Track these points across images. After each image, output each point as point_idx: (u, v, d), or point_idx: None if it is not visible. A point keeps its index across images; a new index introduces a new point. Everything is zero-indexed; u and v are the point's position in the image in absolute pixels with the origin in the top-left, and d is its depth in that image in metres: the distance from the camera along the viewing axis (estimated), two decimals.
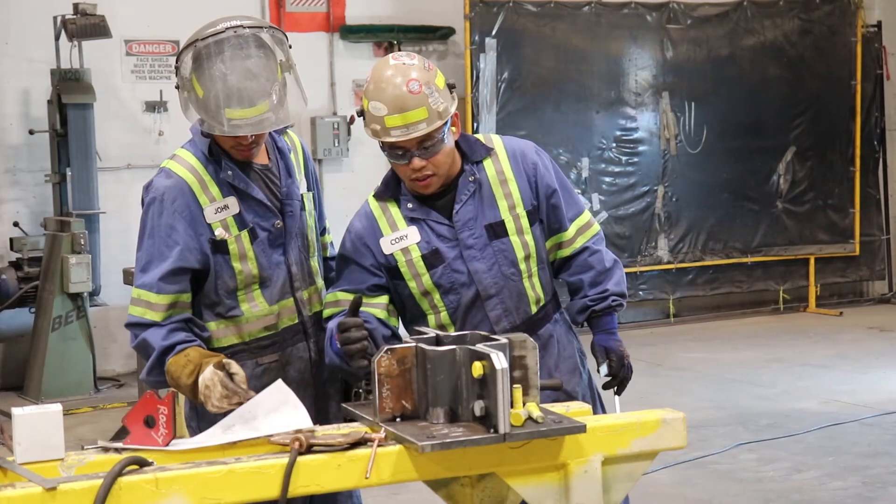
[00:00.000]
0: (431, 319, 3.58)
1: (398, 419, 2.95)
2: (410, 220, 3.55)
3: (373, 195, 3.64)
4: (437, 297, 3.56)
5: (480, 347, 2.90)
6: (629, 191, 11.13)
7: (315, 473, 2.75)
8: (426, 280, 3.54)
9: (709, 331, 10.92)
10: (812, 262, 11.98)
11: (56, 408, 2.80)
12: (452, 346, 2.97)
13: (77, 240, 8.70)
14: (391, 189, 3.59)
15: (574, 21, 10.94)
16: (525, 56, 10.72)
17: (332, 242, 3.96)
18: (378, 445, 2.80)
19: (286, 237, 3.60)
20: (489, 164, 3.58)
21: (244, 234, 3.52)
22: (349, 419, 3.18)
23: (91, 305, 9.05)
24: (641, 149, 11.22)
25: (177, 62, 3.52)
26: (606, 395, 3.68)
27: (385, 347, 2.98)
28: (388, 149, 3.44)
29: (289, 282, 3.61)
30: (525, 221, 3.57)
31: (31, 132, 9.35)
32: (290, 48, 3.53)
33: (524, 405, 2.86)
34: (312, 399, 3.62)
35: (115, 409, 8.40)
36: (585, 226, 3.69)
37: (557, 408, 3.13)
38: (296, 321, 3.62)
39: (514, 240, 3.56)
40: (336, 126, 10.49)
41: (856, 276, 12.39)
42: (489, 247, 3.54)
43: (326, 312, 3.61)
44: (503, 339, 2.94)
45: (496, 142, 3.63)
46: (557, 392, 3.48)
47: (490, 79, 10.51)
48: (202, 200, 3.49)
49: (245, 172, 3.55)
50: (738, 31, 11.55)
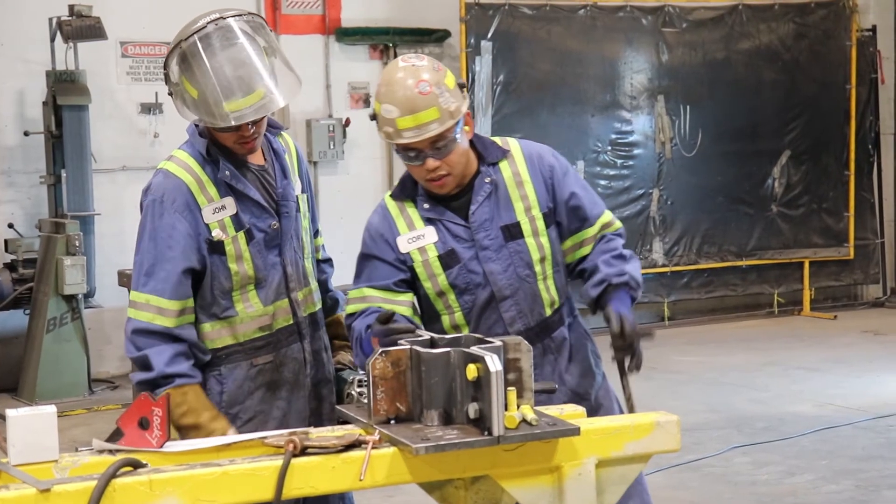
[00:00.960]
0: (446, 320, 3.59)
1: (392, 421, 2.95)
2: (427, 221, 3.56)
3: (389, 195, 3.64)
4: (453, 298, 3.56)
5: (475, 350, 2.90)
6: (624, 194, 11.14)
7: (309, 475, 2.75)
8: (442, 280, 3.55)
9: (703, 334, 10.92)
10: (806, 266, 11.99)
11: (50, 409, 2.80)
12: (447, 349, 2.97)
13: (72, 241, 8.70)
14: (407, 189, 3.59)
15: (569, 24, 10.95)
16: (520, 59, 10.72)
17: (324, 245, 3.97)
18: (372, 447, 2.80)
19: (282, 238, 3.60)
20: (505, 166, 3.58)
21: (240, 235, 3.52)
22: (343, 421, 3.18)
23: (86, 307, 9.05)
24: (637, 152, 11.23)
25: (165, 69, 3.51)
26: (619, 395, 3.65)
27: (379, 350, 2.98)
28: (402, 150, 3.44)
29: (284, 282, 3.61)
30: (541, 223, 3.57)
31: (26, 133, 9.34)
32: (272, 32, 3.55)
33: (518, 408, 2.86)
34: (306, 400, 3.64)
35: (110, 411, 8.40)
36: (608, 224, 3.70)
37: (551, 410, 3.13)
38: (290, 322, 3.63)
39: (530, 241, 3.56)
40: (331, 128, 10.48)
41: (850, 280, 12.40)
42: (505, 248, 3.54)
43: (350, 308, 3.58)
44: (497, 342, 2.94)
45: (512, 144, 3.64)
46: (573, 395, 3.49)
47: (486, 82, 10.51)
48: (200, 201, 3.49)
49: (242, 173, 3.56)
50: (734, 35, 11.56)
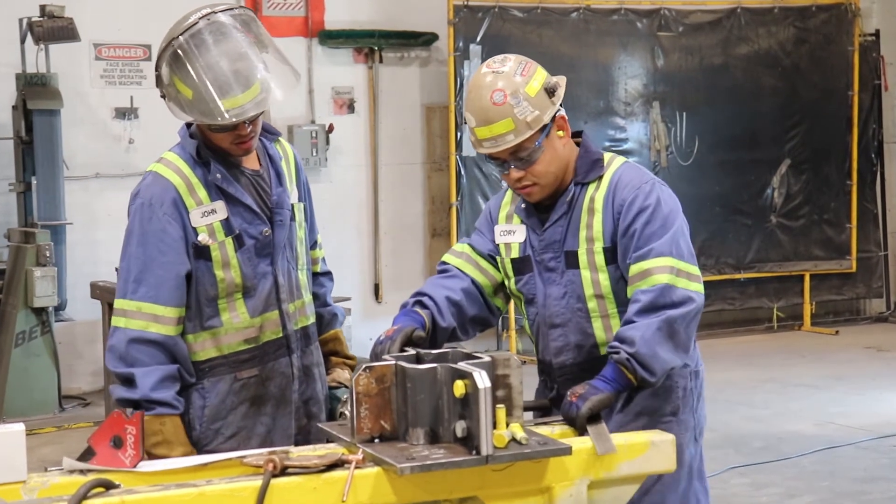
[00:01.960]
0: (526, 325, 3.69)
1: (376, 440, 2.95)
2: (522, 220, 3.61)
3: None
4: (522, 305, 3.64)
5: (462, 366, 2.91)
6: None
7: (289, 496, 2.74)
8: (512, 284, 3.63)
9: (700, 349, 10.89)
10: (807, 279, 12.02)
11: (18, 427, 2.79)
12: (433, 365, 2.98)
13: (42, 252, 8.67)
14: None
15: (561, 27, 10.98)
16: None
17: (325, 258, 3.97)
18: (355, 467, 2.80)
19: (274, 246, 3.60)
20: (592, 188, 3.51)
21: (228, 241, 3.52)
22: (330, 440, 3.18)
23: (56, 320, 9.02)
24: (631, 160, 11.21)
25: (157, 70, 3.51)
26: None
27: (363, 365, 2.98)
28: (487, 158, 3.50)
29: (275, 293, 3.59)
30: (600, 258, 3.46)
31: None
32: (261, 26, 3.56)
33: (508, 426, 2.87)
34: (292, 417, 3.63)
35: (81, 429, 8.36)
36: (644, 273, 3.35)
37: (542, 429, 3.14)
38: (279, 335, 3.61)
39: (585, 274, 3.48)
40: (314, 135, 10.48)
41: (852, 294, 12.43)
42: (566, 274, 3.52)
43: (446, 257, 3.72)
44: (486, 357, 2.94)
45: (612, 167, 3.55)
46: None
47: None
48: (188, 203, 3.49)
49: (235, 177, 3.56)
50: (732, 39, 11.61)
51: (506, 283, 3.66)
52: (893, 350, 10.84)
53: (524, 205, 3.59)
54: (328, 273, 3.98)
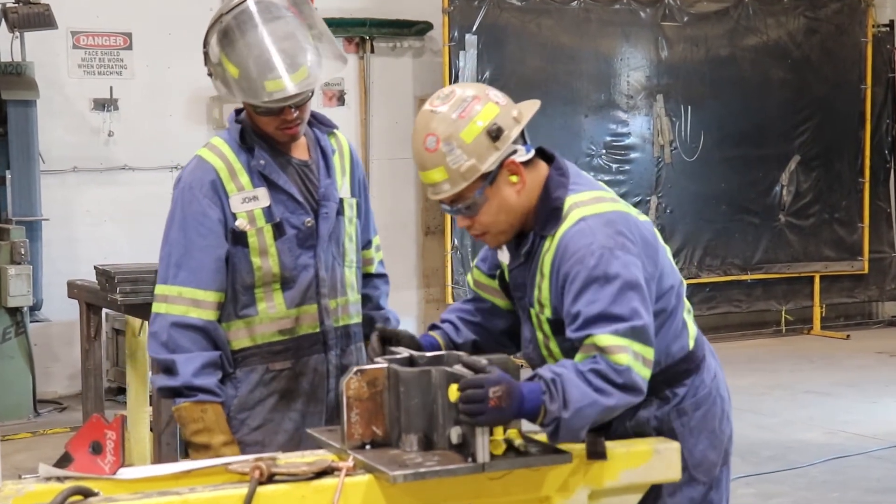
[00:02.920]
0: None
1: (368, 446, 2.95)
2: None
3: None
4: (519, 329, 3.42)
5: (458, 369, 2.91)
6: None
7: None
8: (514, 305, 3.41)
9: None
10: (817, 281, 12.03)
11: None
12: (427, 368, 2.98)
13: (17, 249, 8.66)
14: None
15: (561, 17, 10.98)
16: (508, 54, 10.74)
17: (382, 261, 4.01)
18: (346, 475, 2.80)
19: (317, 238, 3.65)
20: (547, 243, 3.16)
21: (267, 228, 3.59)
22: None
23: (31, 321, 9.01)
24: (633, 156, 11.26)
25: (204, 48, 3.58)
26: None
27: (354, 368, 2.98)
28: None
29: (315, 287, 3.65)
30: (547, 328, 3.22)
31: None
32: (316, 9, 3.65)
33: (505, 432, 2.87)
34: (322, 417, 3.67)
35: (57, 435, 8.35)
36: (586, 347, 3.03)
37: (541, 436, 3.13)
38: (316, 330, 3.67)
39: (539, 336, 3.27)
40: None
41: (864, 297, 12.45)
42: (527, 324, 3.32)
43: (467, 280, 3.54)
44: (483, 360, 2.94)
45: (567, 221, 3.13)
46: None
47: (470, 78, 10.50)
48: (229, 188, 3.57)
49: (281, 165, 3.63)
50: (739, 30, 11.61)
51: None
52: None
53: None
54: (384, 276, 4.02)
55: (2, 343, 8.74)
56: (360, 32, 10.79)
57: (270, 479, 2.77)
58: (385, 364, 3.01)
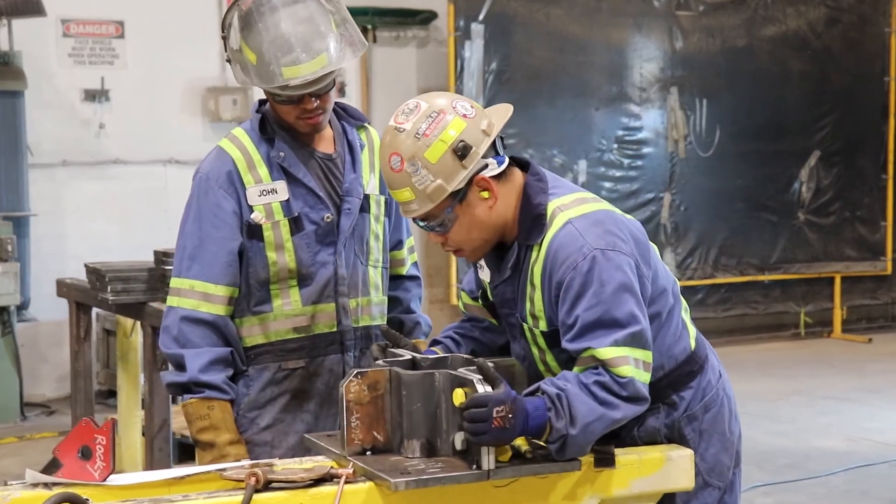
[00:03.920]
0: None
1: (368, 452, 2.95)
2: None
3: None
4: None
5: (462, 372, 2.91)
6: (632, 198, 11.16)
7: None
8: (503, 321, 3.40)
9: (720, 357, 10.90)
10: (838, 282, 12.03)
11: None
12: (430, 371, 2.98)
13: (3, 245, 8.66)
14: None
15: (571, 6, 10.98)
16: (516, 45, 10.75)
17: (417, 263, 4.00)
18: (345, 482, 2.80)
19: (338, 235, 3.66)
20: (534, 252, 3.13)
21: (284, 223, 3.60)
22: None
23: (18, 321, 9.02)
24: (646, 151, 11.26)
25: (223, 32, 3.61)
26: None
27: (354, 371, 2.98)
28: None
29: (333, 285, 3.66)
30: (542, 341, 3.18)
31: None
32: None
33: None
34: (336, 419, 3.63)
35: (45, 440, 8.36)
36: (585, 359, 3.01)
37: None
38: (333, 329, 3.68)
39: (534, 350, 3.23)
40: None
41: (887, 298, 12.45)
42: (519, 341, 3.27)
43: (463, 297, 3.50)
44: (488, 363, 2.94)
45: (552, 227, 3.10)
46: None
47: (476, 70, 10.53)
48: (246, 179, 3.59)
49: (302, 158, 3.64)
50: (757, 20, 11.61)
51: None
52: None
53: None
54: (416, 278, 4.00)
55: None
56: (363, 22, 10.75)
57: (267, 487, 2.77)
58: (386, 366, 3.01)
